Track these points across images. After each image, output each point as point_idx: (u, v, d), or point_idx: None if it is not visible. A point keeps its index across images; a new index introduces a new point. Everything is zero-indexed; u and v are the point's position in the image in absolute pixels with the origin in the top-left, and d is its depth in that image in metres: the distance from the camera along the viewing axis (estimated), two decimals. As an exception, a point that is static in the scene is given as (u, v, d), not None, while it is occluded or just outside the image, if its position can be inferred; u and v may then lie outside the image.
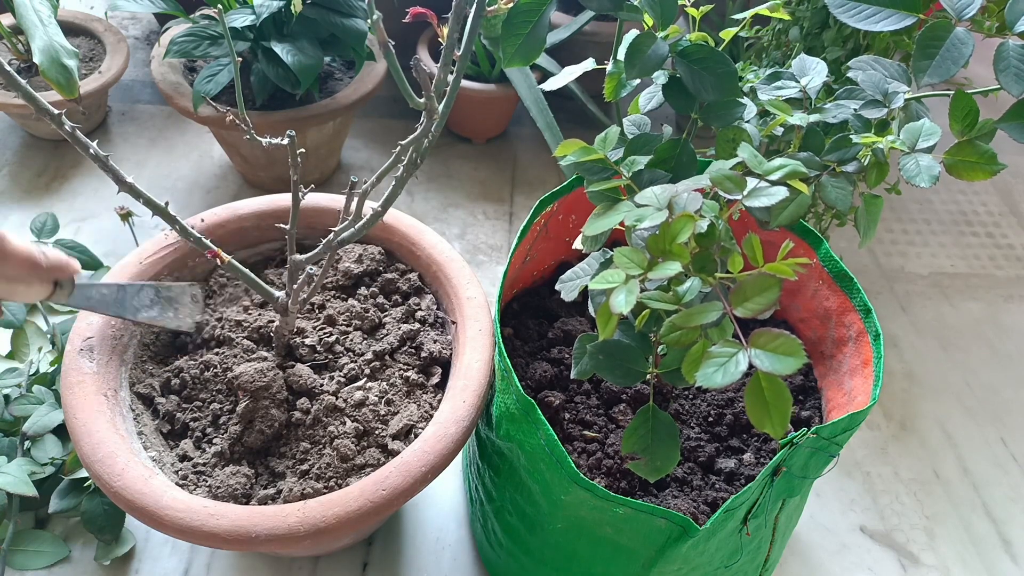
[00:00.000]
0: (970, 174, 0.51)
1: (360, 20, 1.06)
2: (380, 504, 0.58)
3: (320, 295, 0.79)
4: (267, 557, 0.81)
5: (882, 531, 0.89)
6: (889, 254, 1.27)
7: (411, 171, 0.58)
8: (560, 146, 0.53)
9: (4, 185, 1.21)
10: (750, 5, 1.20)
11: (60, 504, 0.77)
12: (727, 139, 0.59)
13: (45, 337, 0.96)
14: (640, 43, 0.54)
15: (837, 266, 0.68)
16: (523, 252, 0.73)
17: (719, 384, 0.39)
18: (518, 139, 1.41)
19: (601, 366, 0.52)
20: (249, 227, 0.81)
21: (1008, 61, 0.50)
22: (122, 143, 1.32)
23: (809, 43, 0.95)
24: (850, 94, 0.58)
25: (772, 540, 0.64)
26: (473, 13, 0.50)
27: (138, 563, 0.80)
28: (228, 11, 1.05)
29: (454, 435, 0.62)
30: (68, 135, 0.52)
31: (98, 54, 1.29)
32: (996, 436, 1.00)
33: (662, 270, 0.43)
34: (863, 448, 0.97)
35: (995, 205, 1.39)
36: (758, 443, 0.69)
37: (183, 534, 0.56)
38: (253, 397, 0.67)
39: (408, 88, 0.52)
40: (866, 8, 0.55)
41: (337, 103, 1.11)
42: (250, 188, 1.26)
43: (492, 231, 1.23)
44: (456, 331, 0.74)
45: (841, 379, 0.67)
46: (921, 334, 1.13)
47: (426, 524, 0.85)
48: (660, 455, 0.53)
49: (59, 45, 0.87)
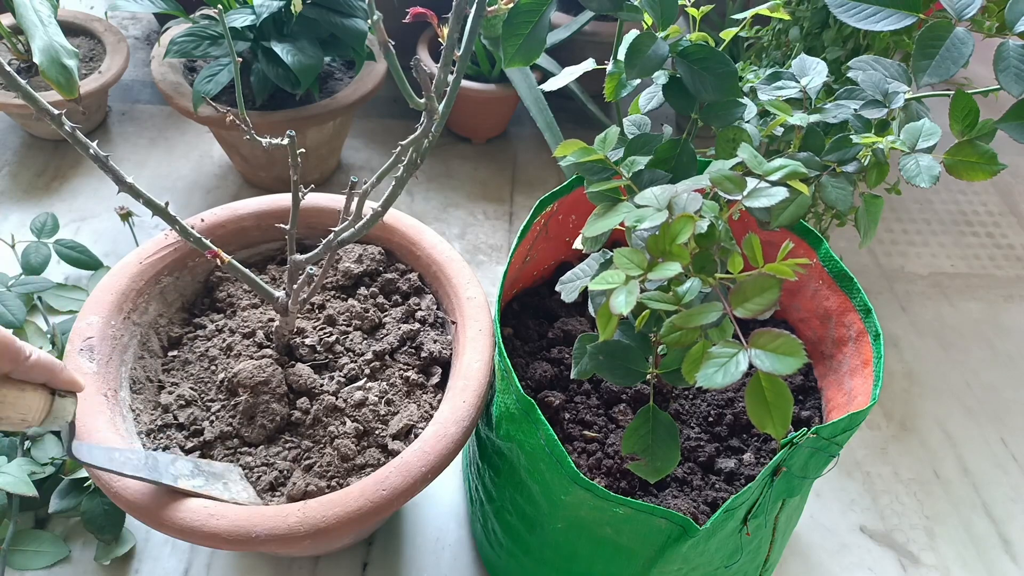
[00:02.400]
0: (970, 174, 0.51)
1: (360, 20, 1.06)
2: (380, 504, 0.58)
3: (320, 295, 0.79)
4: (267, 557, 0.81)
5: (882, 531, 0.89)
6: (889, 254, 1.27)
7: (411, 171, 0.58)
8: (560, 146, 0.53)
9: (4, 185, 1.21)
10: (750, 5, 1.20)
11: (60, 504, 0.77)
12: (727, 139, 0.59)
13: (45, 337, 0.96)
14: (640, 43, 0.54)
15: (837, 266, 0.68)
16: (523, 252, 0.73)
17: (719, 384, 0.39)
18: (518, 139, 1.41)
19: (601, 366, 0.52)
20: (249, 227, 0.81)
21: (1008, 61, 0.50)
22: (122, 143, 1.32)
23: (809, 43, 0.95)
24: (850, 94, 0.57)
25: (772, 540, 0.64)
26: (473, 13, 0.50)
27: (138, 563, 0.80)
28: (228, 11, 1.05)
29: (454, 435, 0.62)
30: (68, 135, 0.52)
31: (98, 54, 1.29)
32: (996, 436, 1.00)
33: (662, 271, 0.43)
34: (863, 448, 0.97)
35: (995, 205, 1.39)
36: (758, 443, 0.69)
37: (183, 534, 0.56)
38: (253, 392, 0.67)
39: (408, 88, 0.52)
40: (866, 8, 0.55)
41: (337, 103, 1.11)
42: (250, 188, 1.26)
43: (492, 231, 1.23)
44: (456, 331, 0.74)
45: (841, 379, 0.67)
46: (921, 334, 1.13)
47: (426, 524, 0.85)
48: (660, 455, 0.53)
49: (59, 45, 0.87)
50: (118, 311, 0.70)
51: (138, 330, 0.72)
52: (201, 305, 0.79)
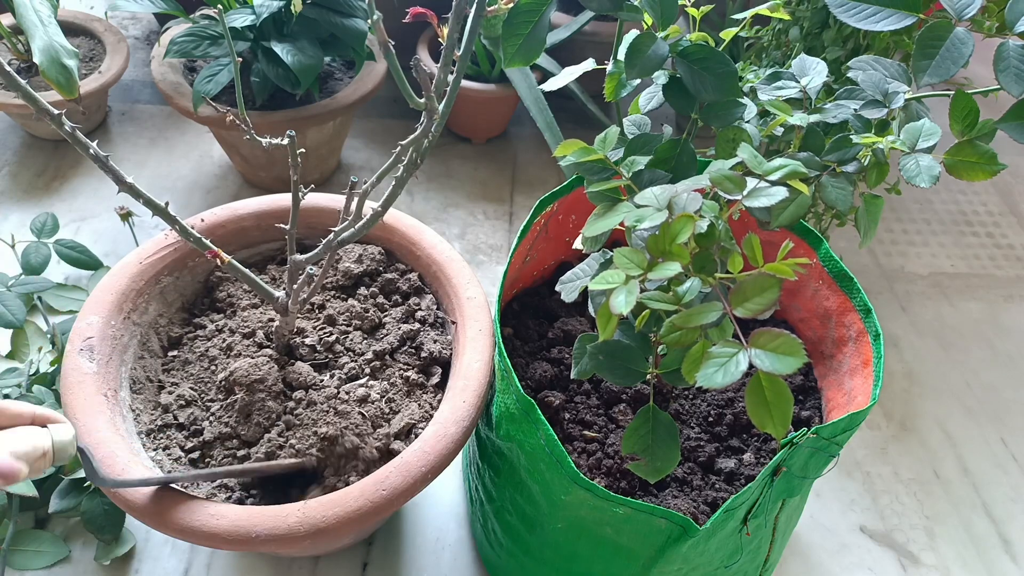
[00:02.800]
0: (970, 174, 0.51)
1: (360, 20, 1.06)
2: (380, 504, 0.58)
3: (320, 295, 0.79)
4: (267, 557, 0.81)
5: (882, 531, 0.89)
6: (889, 254, 1.27)
7: (411, 171, 0.58)
8: (560, 146, 0.53)
9: (4, 185, 1.21)
10: (750, 5, 1.20)
11: (60, 504, 0.77)
12: (727, 139, 0.59)
13: (45, 337, 0.96)
14: (640, 43, 0.54)
15: (837, 266, 0.68)
16: (523, 252, 0.73)
17: (719, 384, 0.39)
18: (518, 139, 1.41)
19: (601, 366, 0.52)
20: (249, 227, 0.81)
21: (1008, 61, 0.50)
22: (122, 143, 1.32)
23: (809, 43, 0.95)
24: (850, 94, 0.57)
25: (772, 540, 0.64)
26: (473, 13, 0.50)
27: (138, 563, 0.80)
28: (228, 11, 1.05)
29: (454, 435, 0.62)
30: (68, 135, 0.52)
31: (98, 54, 1.29)
32: (996, 436, 1.00)
33: (662, 270, 0.43)
34: (863, 448, 0.97)
35: (995, 205, 1.39)
36: (758, 443, 0.69)
37: (183, 534, 0.56)
38: (248, 390, 0.67)
39: (408, 88, 0.52)
40: (866, 8, 0.55)
41: (337, 103, 1.11)
42: (250, 188, 1.26)
43: (492, 231, 1.23)
44: (456, 331, 0.74)
45: (841, 379, 0.67)
46: (921, 334, 1.13)
47: (426, 524, 0.85)
48: (660, 455, 0.53)
49: (59, 45, 0.87)
50: (118, 311, 0.70)
51: (138, 330, 0.72)
52: (201, 305, 0.79)
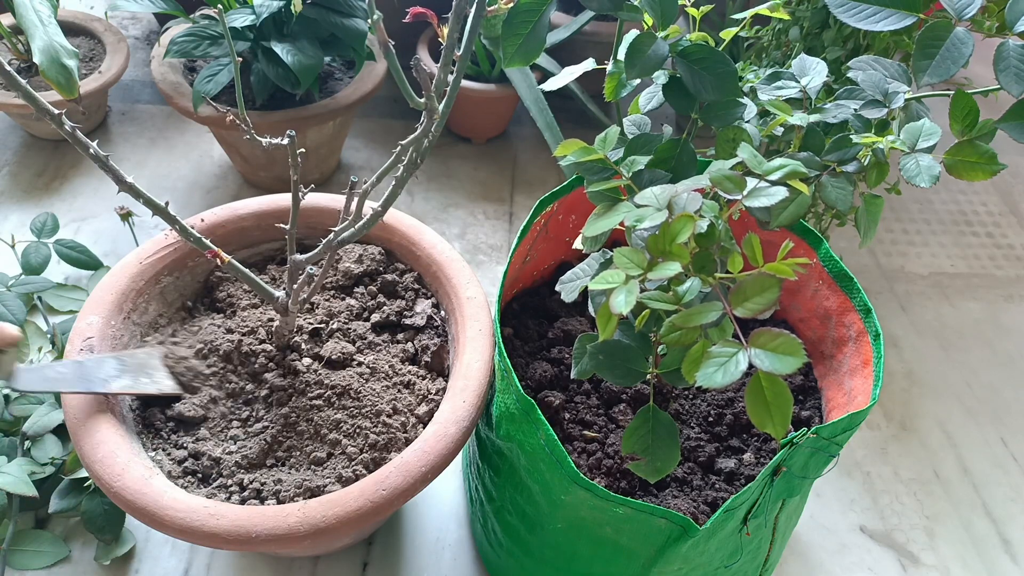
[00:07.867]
0: (970, 174, 0.51)
1: (360, 20, 1.06)
2: (380, 504, 0.58)
3: (319, 295, 0.79)
4: (267, 557, 0.81)
5: (882, 531, 0.89)
6: (889, 254, 1.27)
7: (411, 171, 0.58)
8: (560, 146, 0.53)
9: (4, 185, 1.21)
10: (750, 5, 1.20)
11: (60, 504, 0.77)
12: (727, 139, 0.59)
13: (45, 337, 0.96)
14: (640, 43, 0.54)
15: (837, 266, 0.68)
16: (523, 252, 0.73)
17: (719, 384, 0.39)
18: (518, 139, 1.41)
19: (601, 366, 0.52)
20: (249, 227, 0.81)
21: (1008, 61, 0.50)
22: (122, 143, 1.32)
23: (809, 43, 0.95)
24: (850, 94, 0.58)
25: (772, 540, 0.64)
26: (473, 13, 0.50)
27: (138, 563, 0.80)
28: (228, 11, 1.05)
29: (454, 435, 0.62)
30: (68, 135, 0.52)
31: (98, 54, 1.29)
32: (996, 436, 1.00)
33: (662, 270, 0.43)
34: (863, 448, 0.97)
35: (995, 205, 1.39)
36: (758, 443, 0.69)
37: (183, 534, 0.56)
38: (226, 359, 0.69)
39: (408, 88, 0.52)
40: (866, 8, 0.55)
41: (337, 103, 1.11)
42: (250, 188, 1.26)
43: (492, 231, 1.23)
44: (456, 331, 0.74)
45: (841, 379, 0.67)
46: (921, 334, 1.13)
47: (426, 524, 0.85)
48: (660, 455, 0.53)
49: (59, 45, 0.87)
50: (118, 311, 0.70)
51: (138, 330, 0.72)
52: (201, 305, 0.79)
